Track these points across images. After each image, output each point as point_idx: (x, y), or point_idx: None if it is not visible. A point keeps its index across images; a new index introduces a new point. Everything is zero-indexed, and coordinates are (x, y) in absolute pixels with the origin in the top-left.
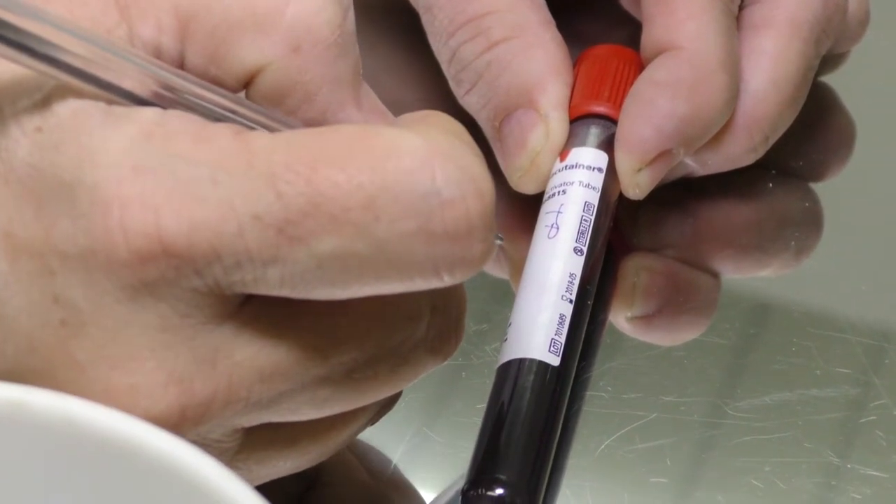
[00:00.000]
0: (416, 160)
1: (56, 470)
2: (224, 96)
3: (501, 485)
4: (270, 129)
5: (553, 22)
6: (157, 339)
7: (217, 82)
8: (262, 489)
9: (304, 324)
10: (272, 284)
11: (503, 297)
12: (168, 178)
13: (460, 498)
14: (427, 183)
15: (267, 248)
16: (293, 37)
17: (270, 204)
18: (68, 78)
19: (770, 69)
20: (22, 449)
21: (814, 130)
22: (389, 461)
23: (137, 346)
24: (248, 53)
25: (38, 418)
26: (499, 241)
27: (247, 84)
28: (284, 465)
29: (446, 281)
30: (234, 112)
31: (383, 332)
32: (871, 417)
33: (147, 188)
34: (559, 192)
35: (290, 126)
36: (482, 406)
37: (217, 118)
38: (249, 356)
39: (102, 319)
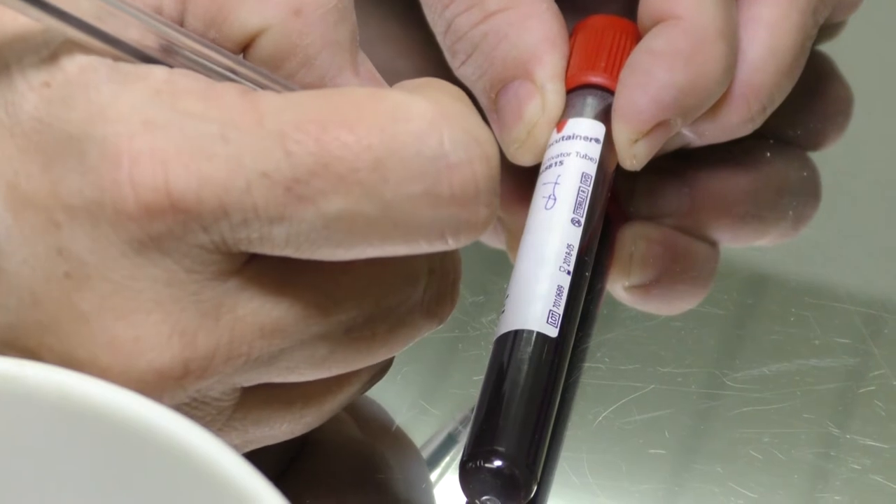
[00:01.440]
0: (425, 123)
1: (50, 443)
2: (226, 56)
3: (499, 457)
4: (274, 88)
5: None
6: (163, 293)
7: (216, 45)
8: (254, 454)
9: (305, 281)
10: (277, 243)
11: (500, 268)
12: (177, 133)
13: (459, 468)
14: (435, 146)
15: (274, 205)
16: (294, 0)
17: (279, 162)
18: (75, 32)
19: (768, 39)
20: (15, 422)
21: (811, 99)
22: (392, 421)
23: (142, 299)
24: (249, 16)
25: (32, 392)
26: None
27: (246, 47)
28: (280, 427)
29: (450, 244)
30: (234, 72)
31: (382, 292)
32: (871, 387)
33: (157, 143)
34: (556, 164)
35: (290, 89)
36: (479, 378)
37: (218, 78)
38: (251, 311)
39: (108, 272)
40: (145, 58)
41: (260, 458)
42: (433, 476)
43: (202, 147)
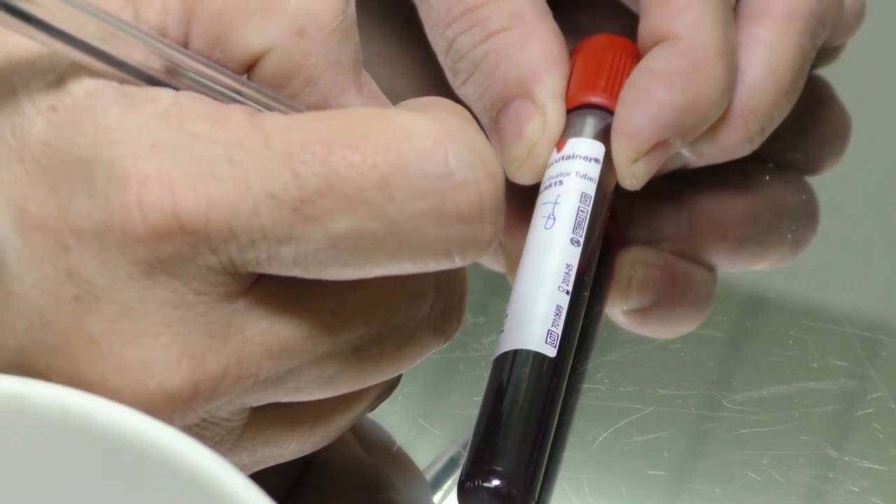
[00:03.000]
0: (430, 141)
1: (54, 462)
2: (231, 77)
3: (498, 476)
4: (278, 108)
5: (549, 12)
6: (171, 315)
7: (221, 66)
8: (259, 475)
9: (313, 301)
10: (285, 263)
11: (500, 288)
12: (185, 156)
13: (457, 487)
14: (440, 164)
15: (282, 226)
16: (298, 20)
17: (286, 183)
18: (80, 55)
19: (766, 60)
20: (20, 441)
21: (810, 123)
22: (393, 442)
23: (151, 322)
24: (253, 37)
25: (37, 410)
26: None
27: (250, 68)
28: (288, 447)
29: (457, 262)
30: (239, 93)
31: (389, 310)
32: (869, 410)
33: (164, 165)
34: (556, 183)
35: (295, 109)
36: (479, 398)
37: (223, 99)
38: (260, 332)
39: (116, 295)
40: (151, 80)
41: (265, 479)
42: (436, 499)
43: (209, 169)
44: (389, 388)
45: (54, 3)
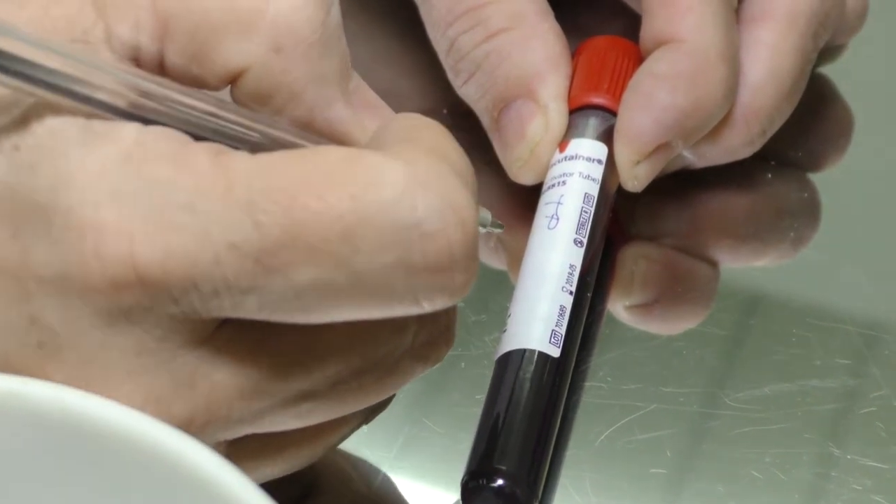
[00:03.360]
0: (397, 190)
1: (52, 460)
2: (205, 101)
3: (501, 476)
4: (254, 133)
5: (551, 12)
6: (134, 363)
7: (199, 82)
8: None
9: (285, 340)
10: (250, 310)
11: (501, 286)
12: (144, 203)
13: (460, 487)
14: (407, 215)
15: (244, 277)
16: (274, 37)
17: (248, 233)
18: (43, 93)
19: (768, 62)
20: (18, 439)
21: (812, 121)
22: (378, 470)
23: (114, 370)
24: (231, 55)
25: (35, 409)
26: (498, 230)
27: (230, 83)
28: (273, 471)
29: (426, 309)
30: (216, 116)
31: (368, 345)
32: (871, 408)
33: (122, 214)
34: (559, 183)
35: (276, 127)
36: (481, 396)
37: (197, 124)
38: (228, 375)
39: (79, 343)
40: (118, 111)
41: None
42: None
43: (169, 218)
44: (383, 403)
45: (9, 42)
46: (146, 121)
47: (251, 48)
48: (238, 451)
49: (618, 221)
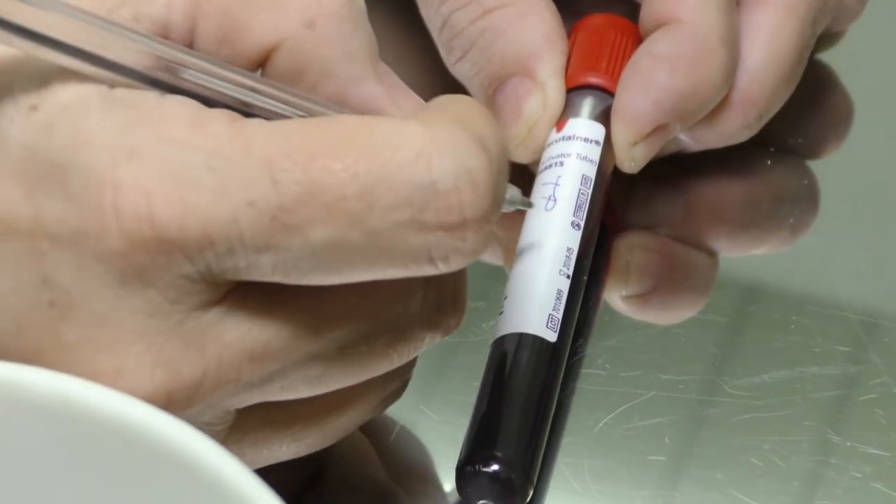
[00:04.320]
0: (414, 151)
1: (50, 449)
2: (238, 73)
3: (497, 461)
4: (287, 106)
5: None
6: (146, 324)
7: (231, 62)
8: (263, 472)
9: (294, 302)
10: (265, 271)
11: (500, 273)
12: (162, 162)
13: (455, 472)
14: (422, 174)
15: (260, 234)
16: (307, 11)
17: (266, 191)
18: (68, 60)
19: (766, 47)
20: (16, 427)
21: (811, 108)
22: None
23: (125, 330)
24: (263, 31)
25: (32, 397)
26: (528, 209)
27: (262, 63)
28: (279, 449)
29: (441, 269)
30: (253, 90)
31: (376, 307)
32: (871, 395)
33: (141, 172)
34: (556, 164)
35: (310, 102)
36: (479, 383)
37: (226, 98)
38: (239, 337)
39: (91, 303)
40: (143, 77)
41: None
42: None
43: (187, 176)
44: (396, 392)
45: (33, 10)
46: (171, 89)
47: (284, 23)
48: (246, 420)
49: (612, 210)
